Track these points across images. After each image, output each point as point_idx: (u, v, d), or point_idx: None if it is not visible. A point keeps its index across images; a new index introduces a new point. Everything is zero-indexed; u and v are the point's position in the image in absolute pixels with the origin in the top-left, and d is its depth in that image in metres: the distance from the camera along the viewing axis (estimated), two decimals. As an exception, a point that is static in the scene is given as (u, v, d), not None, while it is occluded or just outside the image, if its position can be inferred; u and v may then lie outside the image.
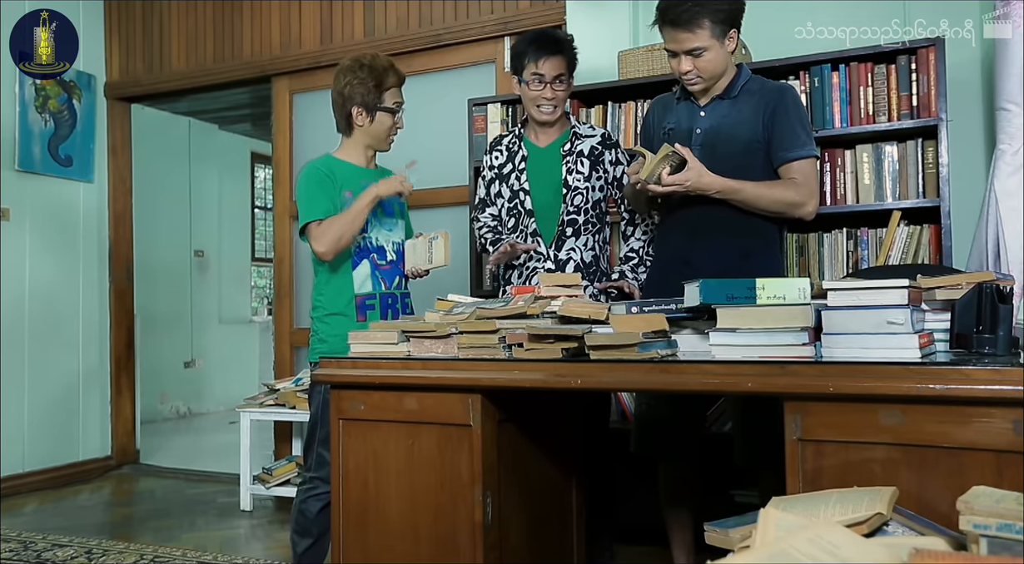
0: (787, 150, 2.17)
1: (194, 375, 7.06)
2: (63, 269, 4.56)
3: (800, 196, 2.16)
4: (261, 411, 3.89)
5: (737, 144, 2.19)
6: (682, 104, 2.31)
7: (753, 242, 2.20)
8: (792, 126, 2.17)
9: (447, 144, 3.64)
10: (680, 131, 2.27)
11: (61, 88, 4.53)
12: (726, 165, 2.15)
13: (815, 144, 2.23)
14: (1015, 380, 1.24)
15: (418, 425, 1.78)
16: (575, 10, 3.48)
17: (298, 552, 2.34)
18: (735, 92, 2.22)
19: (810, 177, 2.18)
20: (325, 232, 2.31)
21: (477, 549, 1.71)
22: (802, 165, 2.17)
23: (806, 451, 1.40)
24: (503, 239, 2.56)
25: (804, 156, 2.17)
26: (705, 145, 2.21)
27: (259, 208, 8.13)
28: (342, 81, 2.41)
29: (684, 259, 2.21)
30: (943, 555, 0.95)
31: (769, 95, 2.20)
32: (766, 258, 2.23)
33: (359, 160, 2.46)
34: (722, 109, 2.23)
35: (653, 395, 2.28)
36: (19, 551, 3.16)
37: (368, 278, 2.41)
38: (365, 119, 2.41)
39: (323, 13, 4.22)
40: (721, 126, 2.21)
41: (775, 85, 2.27)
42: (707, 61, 2.15)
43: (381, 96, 2.40)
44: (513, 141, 2.62)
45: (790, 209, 2.18)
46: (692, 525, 2.28)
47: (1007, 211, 2.56)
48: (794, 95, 2.24)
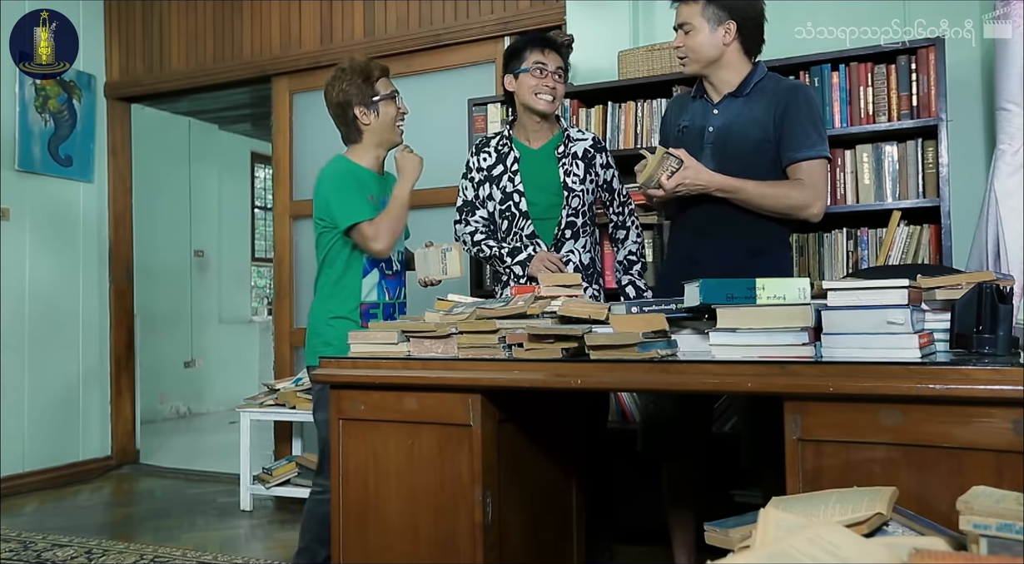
0: (795, 150, 2.14)
1: (194, 375, 7.06)
2: (63, 269, 4.56)
3: (805, 198, 2.12)
4: (261, 411, 3.89)
5: (748, 143, 2.17)
6: (697, 102, 2.30)
7: (761, 242, 2.18)
8: (803, 125, 2.14)
9: (447, 144, 3.64)
10: (693, 129, 2.26)
11: (61, 88, 4.53)
12: (737, 164, 2.14)
13: (827, 144, 2.18)
14: (1015, 380, 1.24)
15: (418, 425, 1.78)
16: (575, 10, 3.48)
17: (319, 561, 2.33)
18: (748, 90, 2.20)
19: (817, 178, 2.14)
20: (380, 230, 2.32)
21: (477, 549, 1.71)
22: (810, 166, 2.14)
23: (806, 451, 1.40)
24: (503, 243, 2.54)
25: (813, 156, 2.13)
26: (716, 143, 2.20)
27: (259, 208, 8.12)
28: (334, 91, 2.42)
29: (692, 258, 2.20)
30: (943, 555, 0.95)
31: (781, 94, 2.18)
32: (774, 258, 2.20)
33: (373, 165, 2.47)
34: (735, 107, 2.21)
35: (660, 394, 2.28)
36: (19, 551, 3.16)
37: (375, 287, 2.41)
38: (370, 116, 2.41)
39: (323, 13, 4.22)
40: (733, 124, 2.19)
41: (790, 83, 2.24)
42: (694, 41, 2.18)
43: (373, 88, 2.41)
44: (502, 143, 2.58)
45: (794, 211, 2.14)
46: (694, 525, 2.27)
47: (1007, 211, 2.56)
48: (807, 94, 2.20)
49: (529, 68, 2.46)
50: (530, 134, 2.56)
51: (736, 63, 2.21)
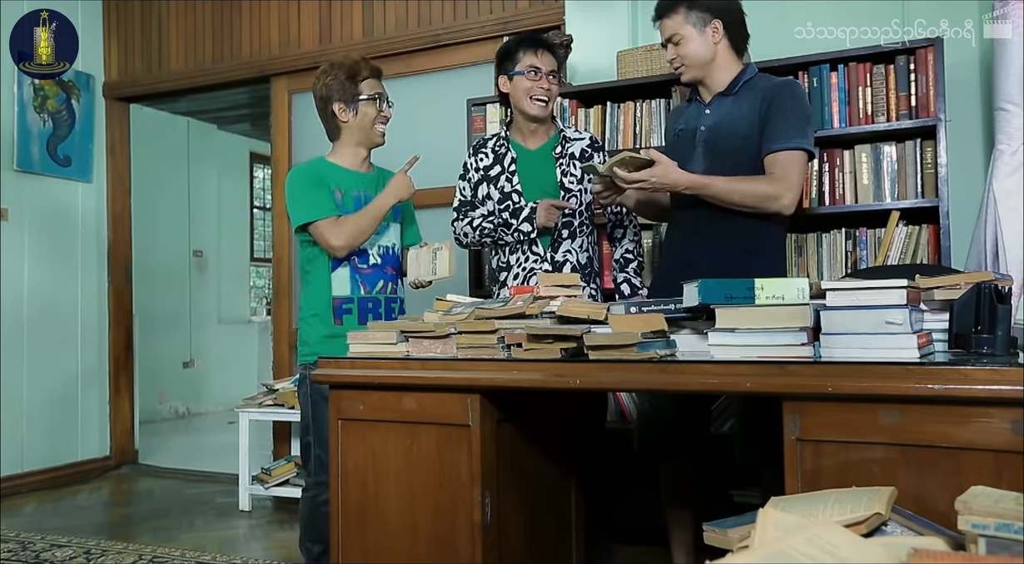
0: (772, 141, 2.13)
1: (193, 375, 7.06)
2: (62, 269, 4.55)
3: (774, 189, 2.09)
4: (260, 411, 3.89)
5: (737, 139, 2.18)
6: (692, 105, 2.34)
7: (755, 242, 2.18)
8: (784, 118, 2.13)
9: (446, 144, 3.64)
10: (688, 131, 2.28)
11: (60, 88, 4.53)
12: (727, 160, 2.16)
13: (809, 138, 2.15)
14: (1014, 380, 1.24)
15: (417, 425, 1.78)
16: (574, 10, 3.48)
17: (314, 556, 2.34)
18: (737, 88, 2.22)
19: (790, 169, 2.11)
20: (343, 227, 2.33)
21: (476, 549, 1.71)
22: (784, 156, 2.11)
23: (805, 451, 1.40)
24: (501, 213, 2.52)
25: (788, 147, 2.11)
26: (708, 142, 2.22)
27: (258, 208, 8.12)
28: (318, 85, 2.44)
29: (686, 260, 2.21)
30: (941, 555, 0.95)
31: (769, 89, 2.19)
32: (768, 258, 2.20)
33: (352, 163, 2.46)
34: (725, 106, 2.23)
35: (656, 394, 2.28)
36: (17, 551, 3.15)
37: (347, 281, 2.40)
38: (348, 114, 2.42)
39: (322, 13, 4.22)
40: (722, 123, 2.21)
41: (779, 80, 2.24)
42: (687, 49, 2.21)
43: (357, 87, 2.41)
44: (499, 143, 2.58)
45: (764, 202, 2.10)
46: (693, 525, 2.27)
47: (1006, 211, 2.56)
48: (794, 89, 2.20)
49: (524, 71, 2.46)
50: (527, 135, 2.56)
51: (728, 62, 2.24)
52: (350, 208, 2.40)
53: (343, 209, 2.39)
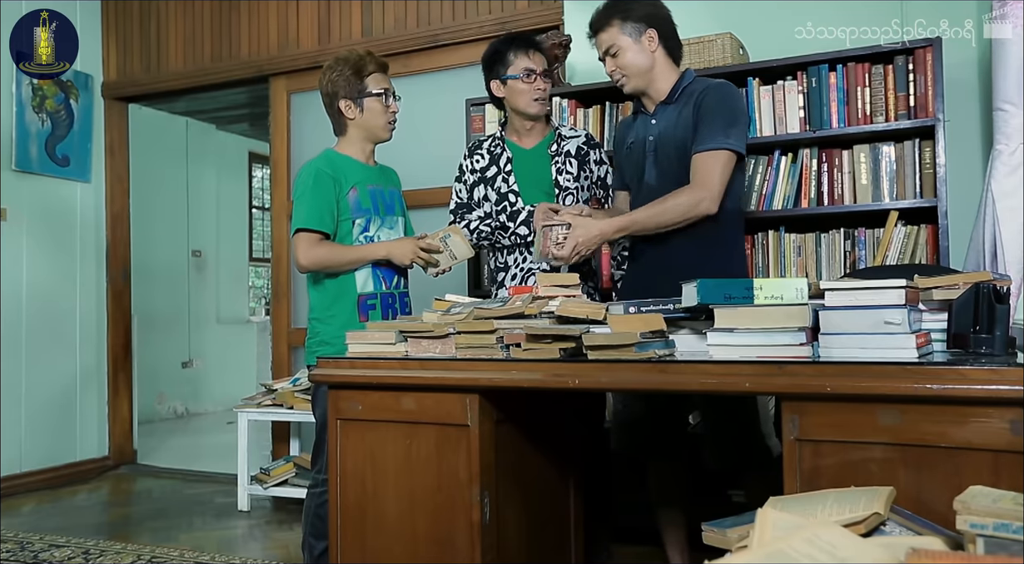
0: (696, 144, 2.12)
1: (192, 375, 7.05)
2: (60, 269, 4.55)
3: (689, 199, 2.08)
4: (259, 411, 3.89)
5: (682, 146, 2.17)
6: (639, 118, 2.33)
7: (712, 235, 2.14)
8: (709, 120, 2.11)
9: (445, 144, 3.64)
10: (638, 143, 2.29)
11: (58, 88, 4.52)
12: (674, 167, 2.17)
13: (733, 137, 2.10)
14: (1012, 380, 1.24)
15: (416, 425, 1.78)
16: (573, 10, 3.48)
17: (315, 555, 2.33)
18: (677, 95, 2.23)
19: (710, 170, 2.08)
20: (316, 251, 2.32)
21: (475, 549, 1.71)
22: (702, 159, 2.10)
23: (804, 451, 1.40)
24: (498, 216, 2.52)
25: (709, 148, 2.09)
26: (656, 151, 2.24)
27: (257, 208, 8.12)
28: (324, 80, 2.43)
29: (649, 263, 2.23)
30: (940, 555, 0.95)
31: (700, 93, 2.17)
32: (726, 249, 2.19)
33: (359, 156, 2.46)
34: (668, 114, 2.23)
35: (628, 395, 2.29)
36: (16, 552, 3.15)
37: (369, 278, 2.40)
38: (355, 110, 2.41)
39: (321, 13, 4.22)
40: (666, 131, 2.22)
41: (710, 82, 2.23)
42: (625, 59, 2.22)
43: (363, 82, 2.40)
44: (495, 144, 2.58)
45: (689, 213, 2.08)
46: (685, 524, 2.28)
47: (1004, 211, 2.56)
48: (721, 90, 2.17)
49: (519, 75, 2.46)
50: (522, 134, 2.57)
51: (666, 70, 2.24)
52: (367, 205, 2.39)
53: (359, 208, 2.38)
